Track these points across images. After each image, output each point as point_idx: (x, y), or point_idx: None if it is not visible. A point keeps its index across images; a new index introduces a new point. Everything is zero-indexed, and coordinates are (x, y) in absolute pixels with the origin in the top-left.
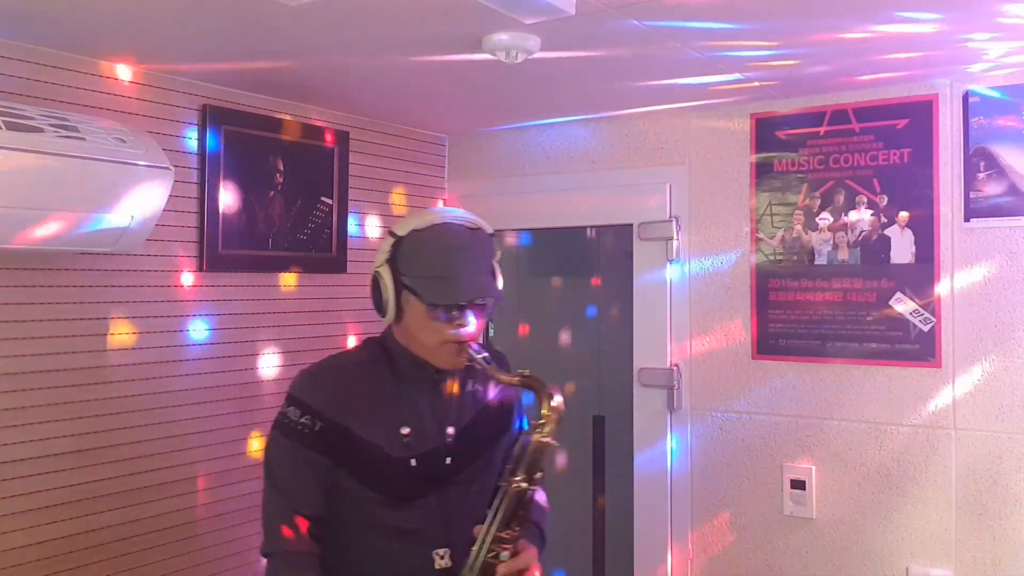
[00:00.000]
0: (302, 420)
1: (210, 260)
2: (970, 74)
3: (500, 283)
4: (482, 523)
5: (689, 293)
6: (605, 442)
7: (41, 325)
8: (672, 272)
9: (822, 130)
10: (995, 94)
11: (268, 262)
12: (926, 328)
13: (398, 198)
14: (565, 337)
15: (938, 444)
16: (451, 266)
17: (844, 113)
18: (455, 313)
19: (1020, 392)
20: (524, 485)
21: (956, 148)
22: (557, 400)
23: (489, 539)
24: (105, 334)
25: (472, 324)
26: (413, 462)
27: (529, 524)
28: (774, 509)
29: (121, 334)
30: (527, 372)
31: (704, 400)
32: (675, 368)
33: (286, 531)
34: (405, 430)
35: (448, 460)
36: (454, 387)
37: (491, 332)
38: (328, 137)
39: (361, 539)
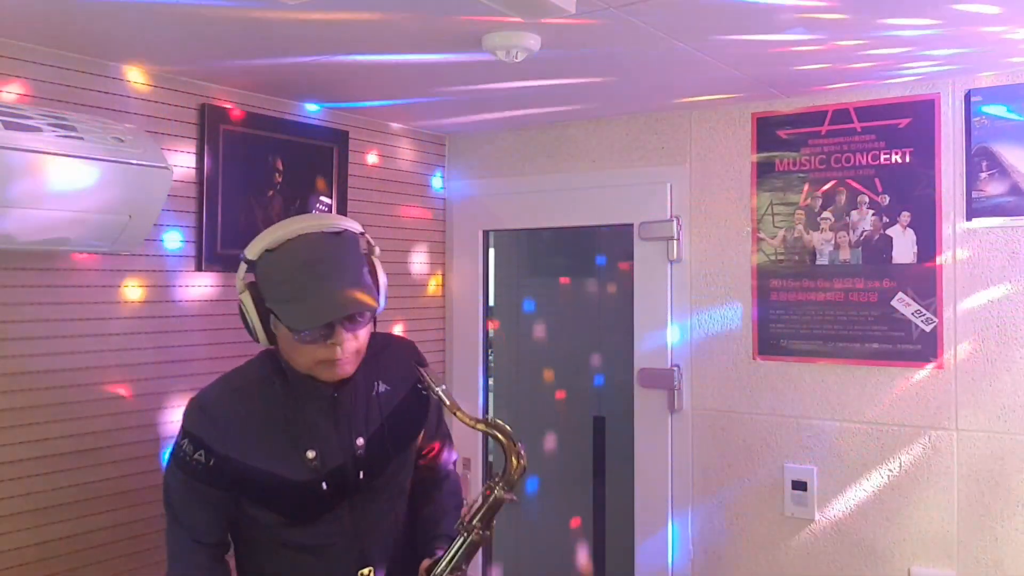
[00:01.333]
0: (195, 456)
1: (209, 259)
2: (972, 73)
3: (382, 280)
4: (391, 531)
5: (690, 293)
6: (605, 443)
7: (40, 325)
8: (673, 272)
9: (823, 129)
10: (996, 94)
11: None
12: (928, 328)
13: (397, 198)
14: (565, 337)
15: (940, 445)
16: (307, 286)
17: (846, 112)
18: (325, 335)
19: (1022, 393)
20: (485, 533)
21: (958, 148)
22: (523, 457)
23: None
24: (104, 334)
25: (345, 340)
26: (324, 485)
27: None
28: (775, 510)
29: (120, 334)
30: (492, 419)
31: (705, 401)
32: (676, 369)
33: (189, 560)
34: (311, 454)
35: (360, 474)
36: (356, 397)
37: (491, 334)
38: (327, 136)
39: (275, 559)
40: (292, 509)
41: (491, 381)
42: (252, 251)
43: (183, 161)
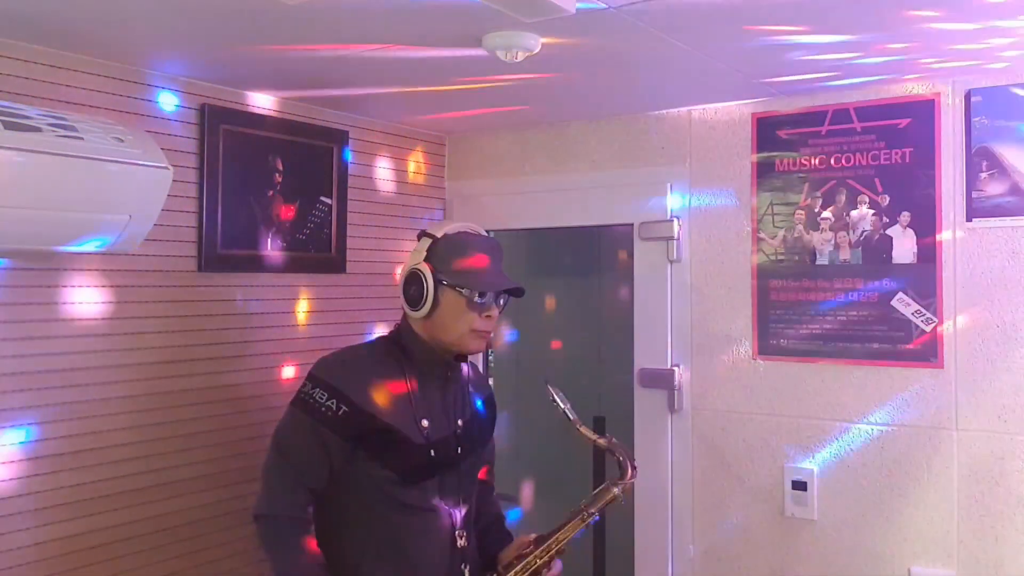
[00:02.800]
0: (327, 403)
1: (208, 260)
2: (972, 73)
3: None
4: (469, 508)
5: (690, 293)
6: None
7: (40, 325)
8: (673, 272)
9: (823, 129)
10: (997, 93)
11: (267, 262)
12: (928, 328)
13: (397, 198)
14: (565, 337)
15: (940, 445)
16: (488, 263)
17: (846, 112)
18: (488, 305)
19: (1022, 393)
20: (596, 519)
21: (958, 148)
22: (634, 468)
23: (553, 549)
24: (104, 334)
25: (497, 315)
26: (432, 452)
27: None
28: (775, 510)
29: (120, 334)
30: (610, 437)
31: (705, 401)
32: (676, 369)
33: (288, 497)
34: (425, 422)
35: (459, 449)
36: (460, 383)
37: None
38: (327, 136)
39: (384, 515)
40: (405, 468)
41: (491, 381)
42: (436, 231)
43: (183, 161)
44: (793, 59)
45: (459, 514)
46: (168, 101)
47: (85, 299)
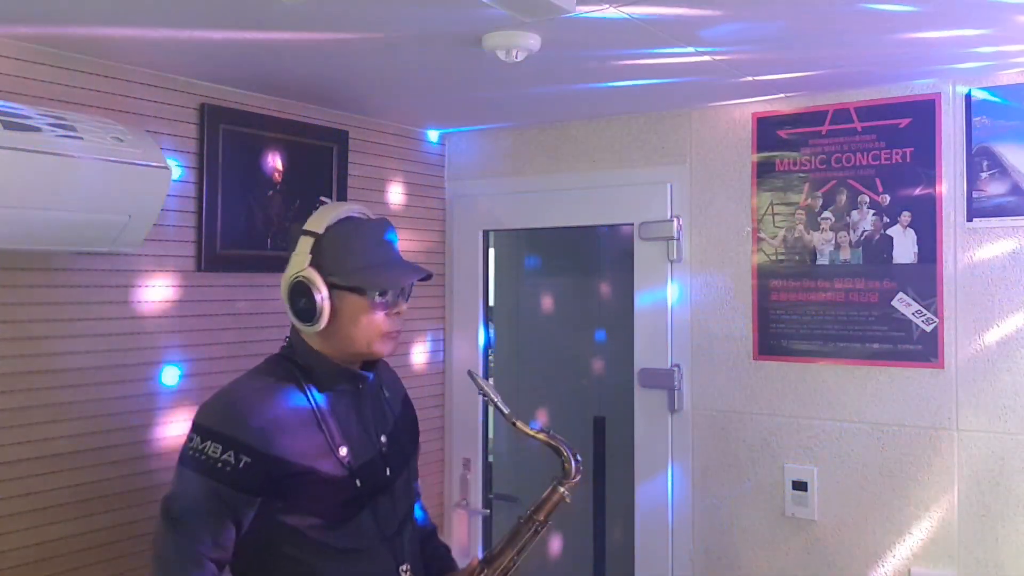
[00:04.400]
0: (223, 457)
1: (208, 260)
2: (973, 73)
3: None
4: (412, 533)
5: (690, 293)
6: (606, 443)
7: (39, 325)
8: (673, 272)
9: (824, 129)
10: (997, 95)
11: (267, 262)
12: (928, 328)
13: (397, 198)
14: (565, 337)
15: (941, 445)
16: (382, 255)
17: (846, 112)
18: (394, 302)
19: (1022, 393)
20: (547, 526)
21: (959, 148)
22: (579, 467)
23: (503, 566)
24: (104, 334)
25: (406, 308)
26: (358, 482)
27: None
28: (775, 510)
29: (119, 334)
30: (550, 431)
31: (705, 401)
32: (676, 369)
33: (188, 575)
34: (343, 451)
35: (387, 470)
36: (376, 394)
37: (491, 333)
38: (327, 136)
39: (316, 568)
40: (330, 509)
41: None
42: (316, 225)
43: (183, 161)
44: (793, 59)
45: (400, 544)
46: (169, 101)
47: (85, 299)
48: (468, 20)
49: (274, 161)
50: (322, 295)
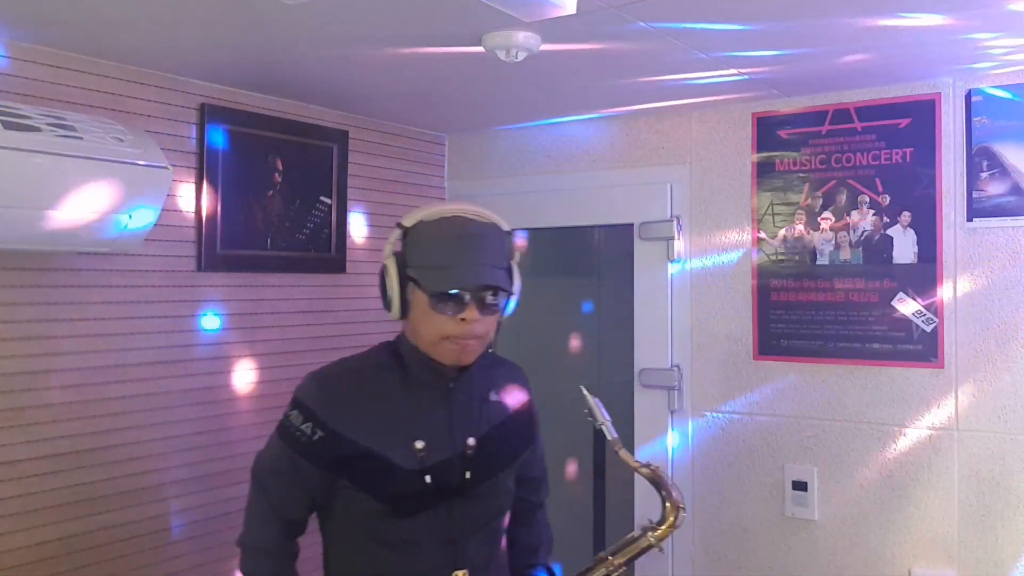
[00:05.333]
0: (302, 427)
1: (208, 260)
2: (972, 73)
3: (517, 283)
4: (486, 542)
5: (690, 293)
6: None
7: (39, 325)
8: (673, 272)
9: (824, 129)
10: (998, 93)
11: (267, 262)
12: (928, 329)
13: (397, 198)
14: (565, 337)
15: (941, 445)
16: (454, 254)
17: (846, 112)
18: (458, 306)
19: (1022, 393)
20: (622, 570)
21: (959, 147)
22: (683, 514)
23: None
24: (103, 334)
25: (476, 319)
26: (428, 478)
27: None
28: (776, 510)
29: (119, 334)
30: (656, 467)
31: (705, 401)
32: (676, 369)
33: (262, 529)
34: (419, 444)
35: (467, 474)
36: (471, 395)
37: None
38: (327, 136)
39: (367, 553)
40: (392, 498)
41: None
42: (409, 219)
43: (183, 161)
44: (793, 58)
45: (465, 549)
46: (169, 101)
47: (85, 299)
48: (468, 20)
49: (274, 161)
50: (391, 284)
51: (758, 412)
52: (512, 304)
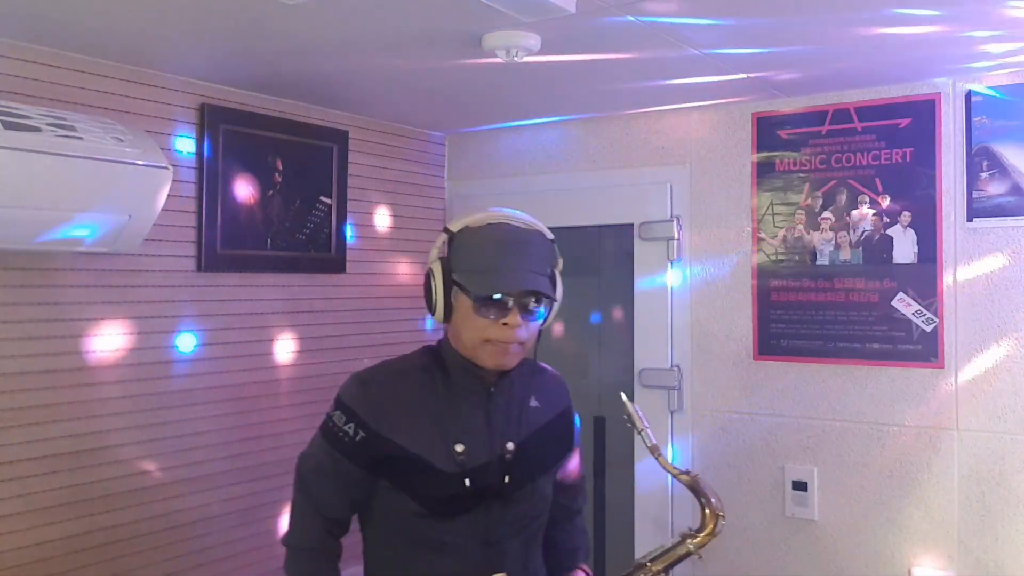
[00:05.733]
0: (344, 427)
1: (208, 260)
2: (972, 73)
3: (559, 290)
4: (524, 546)
5: (690, 293)
6: (606, 444)
7: (40, 325)
8: (673, 272)
9: (824, 129)
10: (997, 93)
11: (267, 262)
12: (928, 328)
13: (397, 198)
14: (565, 337)
15: (941, 445)
16: (499, 260)
17: (846, 112)
18: (501, 311)
19: (1022, 393)
20: (659, 574)
21: (958, 147)
22: (722, 522)
23: None
24: (104, 334)
25: (518, 324)
26: (467, 481)
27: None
28: (776, 510)
29: (119, 334)
30: (695, 474)
31: (705, 401)
32: (676, 369)
33: (305, 528)
34: (459, 447)
35: (506, 478)
36: (511, 400)
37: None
38: (327, 136)
39: (406, 553)
40: (432, 501)
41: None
42: (456, 224)
43: (183, 161)
44: (793, 58)
45: (502, 552)
46: (169, 101)
47: (85, 299)
48: (468, 20)
49: (274, 161)
50: (436, 288)
51: (758, 412)
52: (554, 312)
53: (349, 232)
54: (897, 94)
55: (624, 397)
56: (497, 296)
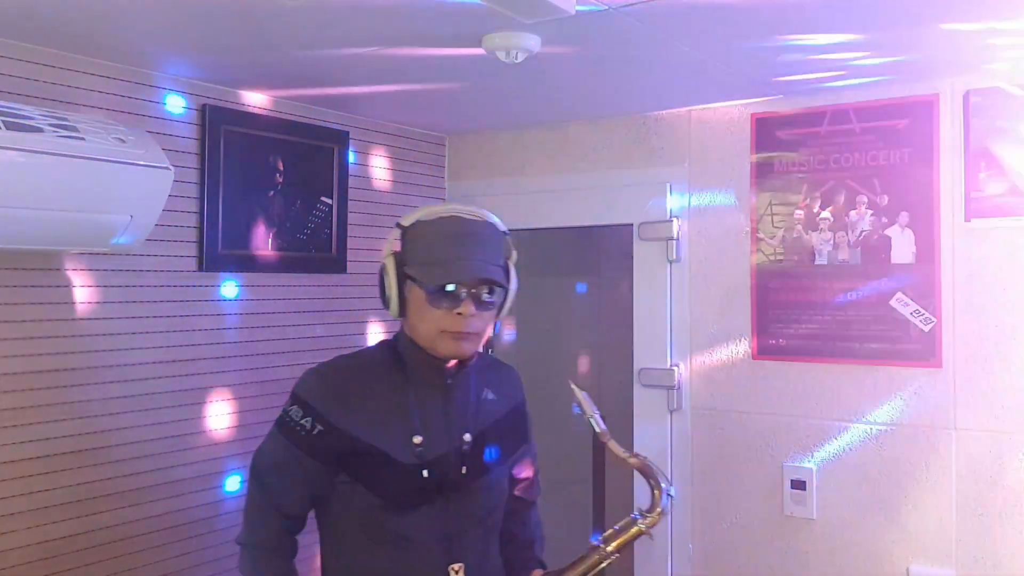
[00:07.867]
0: (302, 421)
1: (209, 260)
2: (971, 74)
3: (513, 283)
4: (482, 537)
5: (689, 293)
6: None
7: (41, 325)
8: (672, 272)
9: (822, 130)
10: (996, 94)
11: (267, 262)
12: (927, 328)
13: (397, 198)
14: (565, 337)
15: (939, 444)
16: (450, 251)
17: (845, 113)
18: (454, 301)
19: (1021, 392)
20: (615, 556)
21: (957, 148)
22: (669, 497)
23: None
24: (104, 334)
25: (472, 314)
26: (425, 473)
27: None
28: (774, 509)
29: (121, 334)
30: (644, 457)
31: (704, 400)
32: (675, 368)
33: (261, 526)
34: (417, 439)
35: (463, 469)
36: (468, 392)
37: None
38: (328, 136)
39: (365, 547)
40: (391, 492)
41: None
42: (408, 219)
43: (184, 161)
44: (792, 59)
45: (461, 544)
46: (169, 101)
47: (85, 299)
48: (468, 20)
49: (274, 161)
50: (389, 282)
51: (757, 412)
52: (508, 303)
53: (354, 226)
54: (895, 95)
55: (572, 385)
56: (450, 287)
